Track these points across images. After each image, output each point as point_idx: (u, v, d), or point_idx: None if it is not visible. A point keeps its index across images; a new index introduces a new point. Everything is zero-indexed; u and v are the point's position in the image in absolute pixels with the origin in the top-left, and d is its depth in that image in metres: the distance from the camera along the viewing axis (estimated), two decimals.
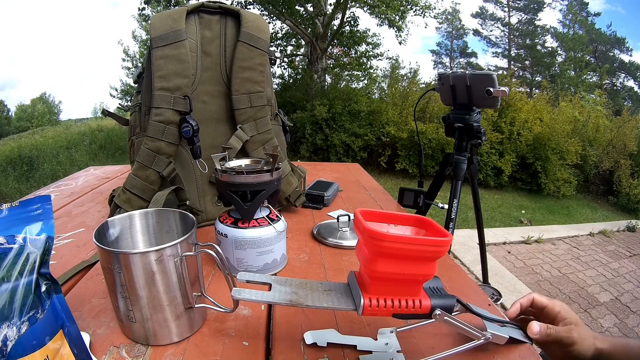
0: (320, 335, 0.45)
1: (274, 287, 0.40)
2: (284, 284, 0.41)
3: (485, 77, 1.14)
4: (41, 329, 0.32)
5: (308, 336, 0.45)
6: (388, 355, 0.43)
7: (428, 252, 0.34)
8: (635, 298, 2.36)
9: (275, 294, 0.39)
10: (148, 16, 7.62)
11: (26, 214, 0.35)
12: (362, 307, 0.36)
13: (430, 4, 7.21)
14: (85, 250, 0.70)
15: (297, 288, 0.40)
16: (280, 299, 0.39)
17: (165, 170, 0.72)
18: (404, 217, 0.39)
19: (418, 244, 0.33)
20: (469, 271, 2.56)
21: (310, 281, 0.42)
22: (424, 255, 0.34)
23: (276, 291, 0.40)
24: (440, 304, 0.37)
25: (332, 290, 0.40)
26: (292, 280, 0.42)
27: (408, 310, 0.37)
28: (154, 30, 0.70)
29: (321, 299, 0.39)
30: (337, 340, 0.45)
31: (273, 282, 0.41)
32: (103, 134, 8.00)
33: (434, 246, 0.33)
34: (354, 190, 1.13)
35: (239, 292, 0.40)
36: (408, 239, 0.33)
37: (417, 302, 0.37)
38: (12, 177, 5.62)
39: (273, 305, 0.52)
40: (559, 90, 8.82)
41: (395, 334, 0.46)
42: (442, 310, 0.37)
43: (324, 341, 0.44)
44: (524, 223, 3.86)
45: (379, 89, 7.58)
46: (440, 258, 0.35)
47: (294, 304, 0.38)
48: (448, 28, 20.36)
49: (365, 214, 0.37)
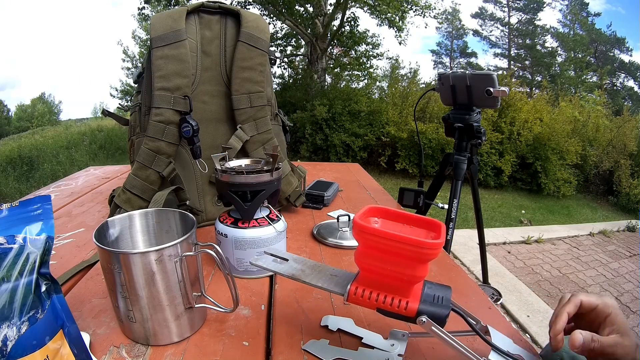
0: (335, 321, 0.48)
1: (289, 263, 0.43)
2: (299, 262, 0.44)
3: (485, 77, 1.14)
4: (41, 329, 0.32)
5: (324, 319, 0.48)
6: (387, 355, 0.43)
7: (408, 251, 0.33)
8: (635, 298, 2.36)
9: (284, 266, 0.42)
10: (148, 16, 7.62)
11: (26, 214, 0.35)
12: (348, 293, 0.38)
13: (430, 4, 7.21)
14: (85, 250, 0.70)
15: (307, 267, 0.43)
16: (285, 271, 0.42)
17: (165, 170, 0.72)
18: (418, 218, 0.39)
19: (398, 242, 0.33)
20: (469, 271, 2.56)
21: (322, 265, 0.44)
22: (408, 255, 0.33)
23: (287, 265, 0.43)
24: (428, 311, 0.35)
25: (337, 276, 0.42)
26: (307, 261, 0.44)
27: (392, 308, 0.36)
28: (154, 30, 0.70)
29: (320, 280, 0.41)
30: (348, 329, 0.47)
31: (291, 259, 0.44)
32: (103, 134, 8.00)
33: (415, 247, 0.33)
34: (354, 190, 1.13)
35: (256, 259, 0.43)
36: (389, 235, 0.33)
37: (404, 303, 0.36)
38: (12, 177, 5.62)
39: (274, 304, 0.52)
40: (558, 90, 8.81)
41: (407, 339, 0.45)
42: (428, 319, 0.35)
43: (336, 326, 0.47)
44: (524, 223, 3.86)
45: (379, 89, 7.58)
46: (430, 261, 0.34)
47: (295, 278, 0.41)
48: (448, 28, 20.36)
49: (380, 211, 0.39)
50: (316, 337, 0.45)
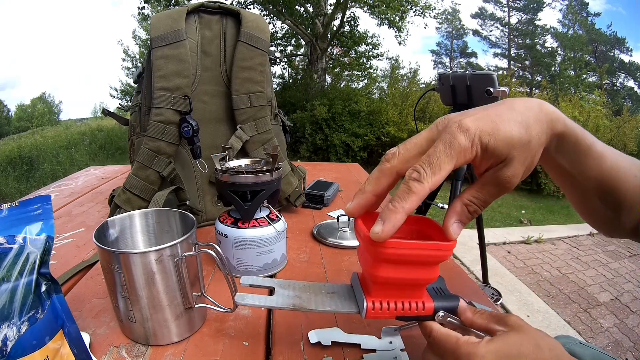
0: (325, 334, 0.45)
1: (277, 291, 0.40)
2: (287, 287, 0.40)
3: (485, 77, 1.14)
4: (41, 329, 0.32)
5: (312, 335, 0.45)
6: (392, 353, 0.43)
7: (432, 256, 0.33)
8: (635, 298, 2.36)
9: (278, 299, 0.39)
10: (147, 15, 7.62)
11: (26, 214, 0.35)
12: (366, 310, 0.35)
13: (430, 4, 7.22)
14: (85, 250, 0.70)
15: (300, 291, 0.40)
16: (283, 303, 0.38)
17: (165, 170, 0.72)
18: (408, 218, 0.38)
19: (422, 249, 0.32)
20: (469, 271, 2.56)
21: (313, 284, 0.41)
22: (428, 261, 0.33)
23: (279, 295, 0.39)
24: (443, 306, 0.37)
25: (335, 292, 0.40)
26: (295, 283, 0.41)
27: (412, 312, 0.36)
28: (154, 30, 0.70)
29: (324, 303, 0.38)
30: (341, 339, 0.45)
31: (276, 285, 0.40)
32: (103, 134, 8.01)
33: (439, 250, 0.32)
34: (354, 190, 1.12)
35: (242, 298, 0.39)
36: (411, 245, 0.32)
37: (421, 305, 0.36)
38: (12, 177, 5.63)
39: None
40: (558, 90, 8.82)
41: (399, 333, 0.46)
42: (445, 312, 0.36)
43: (328, 340, 0.44)
44: (524, 223, 3.86)
45: (379, 89, 7.60)
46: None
47: (297, 308, 0.38)
48: (448, 28, 20.38)
49: (364, 217, 0.36)
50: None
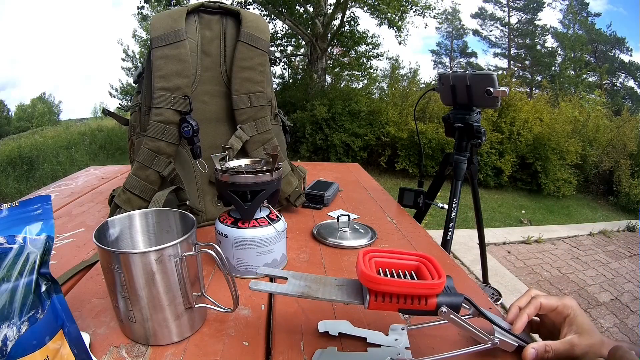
0: (334, 325, 0.46)
1: (290, 281, 0.42)
2: (299, 278, 0.42)
3: (485, 77, 1.14)
4: (41, 329, 0.32)
5: (321, 325, 0.46)
6: (396, 350, 0.43)
7: (420, 293, 0.36)
8: (635, 298, 2.36)
9: (289, 287, 0.41)
10: (147, 15, 7.62)
11: (26, 214, 0.35)
12: (369, 301, 0.37)
13: (430, 4, 7.22)
14: (85, 250, 0.70)
15: (311, 282, 0.42)
16: (293, 291, 0.40)
17: (165, 170, 0.72)
18: (408, 254, 0.42)
19: (409, 287, 0.36)
20: (469, 271, 2.56)
21: (324, 277, 0.43)
22: (417, 294, 0.36)
23: (291, 284, 0.41)
24: (447, 302, 0.37)
25: (344, 285, 0.41)
26: (307, 275, 0.43)
27: (414, 306, 0.37)
28: (154, 30, 0.70)
29: (331, 293, 0.40)
30: (349, 331, 0.46)
31: (290, 276, 0.43)
32: (103, 134, 8.01)
33: (425, 289, 0.36)
34: (354, 190, 1.13)
35: (255, 284, 0.41)
36: (399, 283, 0.36)
37: (423, 300, 0.37)
38: (12, 177, 5.62)
39: (274, 304, 0.52)
40: (558, 90, 8.82)
41: (406, 332, 0.46)
42: (448, 308, 0.37)
43: (336, 331, 0.46)
44: (524, 223, 3.86)
45: (379, 89, 7.60)
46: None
47: (305, 295, 0.40)
48: (448, 28, 20.36)
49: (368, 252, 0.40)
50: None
